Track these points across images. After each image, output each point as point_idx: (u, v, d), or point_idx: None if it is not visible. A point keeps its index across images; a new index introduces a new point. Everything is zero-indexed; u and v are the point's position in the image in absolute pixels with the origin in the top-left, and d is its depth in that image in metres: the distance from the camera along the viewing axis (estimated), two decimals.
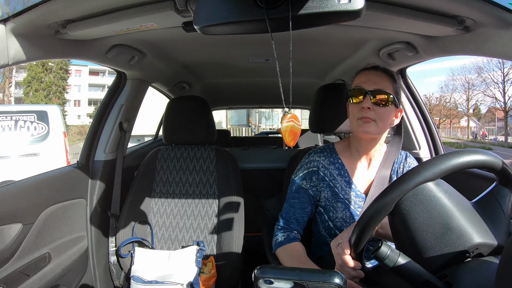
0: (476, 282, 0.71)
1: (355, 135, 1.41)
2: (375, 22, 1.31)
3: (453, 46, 1.36)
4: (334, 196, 1.41)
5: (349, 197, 1.40)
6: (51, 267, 1.61)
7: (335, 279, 0.73)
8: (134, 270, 1.71)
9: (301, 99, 3.91)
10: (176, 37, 1.66)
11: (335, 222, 1.40)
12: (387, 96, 1.29)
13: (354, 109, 1.33)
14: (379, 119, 1.30)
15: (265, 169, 2.83)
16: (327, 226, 1.43)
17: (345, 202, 1.40)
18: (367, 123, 1.29)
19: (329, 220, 1.42)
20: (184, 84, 2.89)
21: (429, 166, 0.80)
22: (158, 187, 2.03)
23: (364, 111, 1.29)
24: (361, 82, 1.33)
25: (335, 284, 0.73)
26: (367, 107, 1.28)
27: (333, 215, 1.40)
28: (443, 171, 0.79)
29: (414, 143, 2.00)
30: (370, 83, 1.31)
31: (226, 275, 1.86)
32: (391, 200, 0.81)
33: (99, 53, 1.62)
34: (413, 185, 0.80)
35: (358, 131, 1.32)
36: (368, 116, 1.29)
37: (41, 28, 1.20)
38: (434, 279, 0.75)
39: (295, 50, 1.96)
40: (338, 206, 1.40)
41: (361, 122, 1.30)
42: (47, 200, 1.64)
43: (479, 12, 1.07)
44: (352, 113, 1.35)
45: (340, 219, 1.39)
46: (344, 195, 1.41)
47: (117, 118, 2.04)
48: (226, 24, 0.87)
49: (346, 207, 1.39)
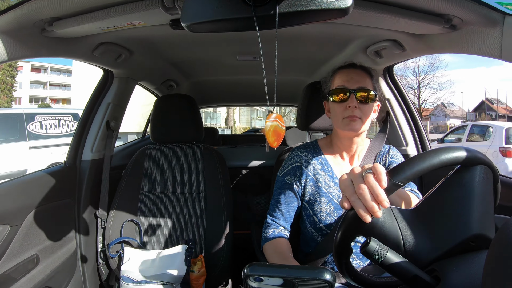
0: (464, 276, 0.72)
1: (338, 133, 1.44)
2: (362, 20, 1.32)
3: (439, 44, 1.37)
4: (318, 190, 1.43)
5: (332, 191, 1.42)
6: (39, 269, 1.59)
7: (324, 275, 0.74)
8: (123, 270, 1.70)
9: (289, 97, 3.92)
10: (164, 35, 1.65)
11: (319, 216, 1.41)
12: (370, 93, 1.34)
13: (338, 108, 1.36)
14: (364, 116, 1.34)
15: (253, 167, 2.83)
16: (312, 221, 1.44)
17: (328, 196, 1.41)
18: (354, 121, 1.33)
19: (314, 215, 1.43)
20: (172, 82, 2.87)
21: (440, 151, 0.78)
22: (146, 186, 2.02)
23: (350, 109, 1.32)
24: (343, 81, 1.36)
25: (324, 280, 0.74)
26: (354, 106, 1.31)
27: (317, 209, 1.42)
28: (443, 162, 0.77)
29: (401, 140, 2.02)
30: (353, 82, 1.34)
31: (215, 274, 1.86)
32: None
33: (85, 51, 1.60)
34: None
35: (345, 129, 1.35)
36: (355, 115, 1.32)
37: (27, 26, 1.19)
38: (423, 274, 0.76)
39: (282, 48, 1.96)
40: (322, 200, 1.41)
41: (348, 121, 1.33)
42: (34, 201, 1.62)
43: (466, 11, 1.08)
44: (337, 112, 1.37)
45: (324, 213, 1.40)
46: (327, 189, 1.43)
47: (104, 117, 2.02)
48: (213, 21, 0.87)
49: (330, 201, 1.41)
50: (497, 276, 0.52)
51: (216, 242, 1.89)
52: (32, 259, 1.58)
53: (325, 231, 1.41)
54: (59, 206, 1.79)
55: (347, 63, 1.45)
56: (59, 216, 1.80)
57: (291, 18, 0.85)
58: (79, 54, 1.60)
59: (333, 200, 1.41)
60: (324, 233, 1.41)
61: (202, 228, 1.93)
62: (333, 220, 1.39)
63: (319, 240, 1.44)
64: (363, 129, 1.37)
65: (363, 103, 1.33)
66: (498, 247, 0.55)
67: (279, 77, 2.94)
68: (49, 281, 1.64)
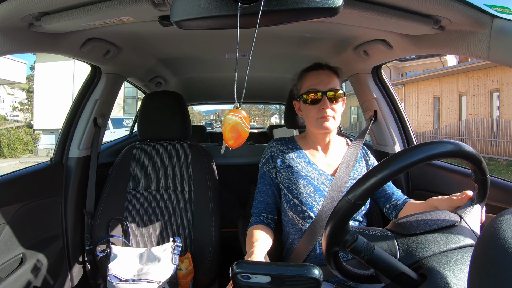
0: (450, 273, 0.73)
1: (313, 132, 1.51)
2: (352, 19, 1.33)
3: (427, 44, 1.39)
4: (295, 174, 1.47)
5: (311, 174, 1.47)
6: (26, 268, 1.57)
7: (312, 272, 0.74)
8: (111, 269, 1.69)
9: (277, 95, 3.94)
10: (152, 31, 1.63)
11: (300, 197, 1.44)
12: (339, 93, 1.42)
13: (312, 110, 1.43)
14: (336, 114, 1.43)
15: (240, 164, 2.84)
16: (293, 204, 1.47)
17: (307, 179, 1.46)
18: (328, 121, 1.40)
19: (294, 198, 1.46)
20: (160, 79, 2.86)
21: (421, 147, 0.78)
22: (134, 184, 2.01)
23: (324, 111, 1.39)
24: (314, 84, 1.43)
25: (312, 277, 0.74)
26: (327, 107, 1.39)
27: (296, 192, 1.45)
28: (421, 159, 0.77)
29: (389, 139, 2.04)
30: (323, 84, 1.42)
31: (203, 272, 1.86)
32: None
33: (73, 47, 1.58)
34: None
35: (320, 129, 1.43)
36: (328, 114, 1.40)
37: (14, 20, 1.17)
38: (409, 271, 0.76)
39: (269, 46, 1.97)
40: (300, 183, 1.45)
41: (322, 121, 1.41)
42: (20, 199, 1.60)
43: (455, 12, 1.10)
44: (310, 114, 1.44)
45: (304, 194, 1.43)
46: (305, 172, 1.47)
47: (91, 114, 2.00)
48: (202, 18, 0.87)
49: (309, 183, 1.45)
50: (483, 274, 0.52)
51: (203, 240, 1.89)
52: (18, 258, 1.56)
53: (306, 213, 1.42)
54: (45, 204, 1.77)
55: (314, 63, 1.53)
56: (46, 214, 1.78)
57: (279, 16, 0.85)
58: (67, 50, 1.58)
59: (313, 182, 1.45)
60: (306, 215, 1.43)
61: (190, 226, 1.93)
62: (314, 201, 1.42)
63: (300, 225, 1.45)
64: (335, 127, 1.45)
65: (334, 103, 1.41)
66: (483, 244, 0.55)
67: (266, 75, 2.95)
68: (36, 280, 1.63)
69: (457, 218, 0.90)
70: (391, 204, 1.45)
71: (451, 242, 0.82)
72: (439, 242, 0.82)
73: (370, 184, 0.76)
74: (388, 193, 1.49)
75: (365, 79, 2.02)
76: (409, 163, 0.75)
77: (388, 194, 1.49)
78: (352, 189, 0.78)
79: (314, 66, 1.51)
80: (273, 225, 1.50)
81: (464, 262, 0.75)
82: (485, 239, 0.56)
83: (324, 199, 1.41)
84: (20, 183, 1.66)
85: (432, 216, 0.90)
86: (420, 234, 0.85)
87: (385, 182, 0.76)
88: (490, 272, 0.51)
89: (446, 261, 0.76)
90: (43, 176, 1.80)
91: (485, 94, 14.85)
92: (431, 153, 0.76)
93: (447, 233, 0.85)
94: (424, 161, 0.76)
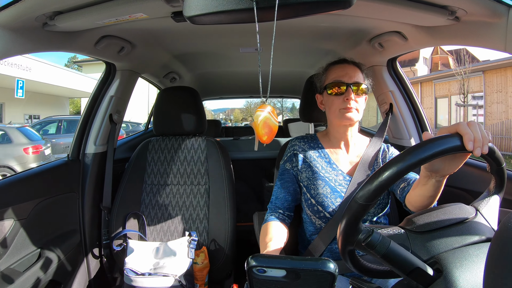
0: (466, 269, 0.72)
1: (335, 124, 1.51)
2: (366, 11, 1.31)
3: (443, 36, 1.37)
4: (315, 174, 1.49)
5: (329, 175, 1.48)
6: (44, 262, 1.60)
7: (327, 266, 0.74)
8: (127, 262, 1.71)
9: (291, 89, 3.92)
10: (166, 27, 1.64)
11: (316, 198, 1.46)
12: (363, 87, 1.44)
13: (335, 100, 1.44)
14: (359, 107, 1.44)
15: (256, 158, 2.84)
16: (310, 204, 1.48)
17: (325, 180, 1.47)
18: (351, 112, 1.41)
19: (311, 198, 1.48)
20: (174, 75, 2.87)
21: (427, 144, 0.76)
22: (150, 179, 2.03)
23: (348, 102, 1.40)
24: (340, 76, 1.45)
25: (327, 271, 0.74)
26: (351, 98, 1.40)
27: (314, 192, 1.47)
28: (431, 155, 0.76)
29: (405, 132, 2.01)
30: (348, 77, 1.43)
31: (219, 265, 1.87)
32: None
33: (88, 45, 1.59)
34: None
35: (342, 119, 1.43)
36: (352, 106, 1.41)
37: (29, 20, 1.18)
38: (424, 266, 0.76)
39: (285, 39, 1.96)
40: (318, 184, 1.46)
41: (344, 111, 1.42)
42: (38, 195, 1.63)
43: (470, 3, 1.07)
44: (334, 105, 1.45)
45: (321, 194, 1.45)
46: (324, 173, 1.48)
47: (107, 110, 2.02)
48: (215, 13, 0.86)
49: (327, 184, 1.46)
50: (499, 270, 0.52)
51: (219, 234, 1.90)
52: (36, 252, 1.59)
53: (322, 213, 1.44)
54: (63, 199, 1.80)
55: (340, 59, 1.53)
56: (63, 210, 1.81)
57: (294, 9, 0.85)
58: (81, 48, 1.59)
59: (330, 184, 1.46)
60: (321, 215, 1.45)
61: (205, 220, 1.94)
62: (330, 202, 1.43)
63: (317, 223, 1.47)
64: (358, 119, 1.46)
65: (357, 96, 1.43)
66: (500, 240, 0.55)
67: (281, 69, 2.93)
68: (54, 274, 1.66)
69: (473, 211, 0.88)
70: (400, 188, 1.36)
71: (467, 237, 0.81)
72: (454, 237, 0.81)
73: (376, 185, 0.74)
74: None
75: (380, 71, 1.99)
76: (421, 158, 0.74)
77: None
78: (361, 190, 0.77)
79: (339, 61, 1.52)
80: (288, 221, 1.50)
81: (480, 257, 0.74)
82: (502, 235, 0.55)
83: (341, 200, 1.42)
84: (37, 180, 1.69)
85: (447, 211, 0.88)
86: (434, 231, 0.83)
87: (393, 181, 0.74)
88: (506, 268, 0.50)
89: (462, 257, 0.75)
90: (60, 172, 1.83)
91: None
92: (440, 148, 0.74)
93: (462, 228, 0.83)
94: (434, 157, 0.74)
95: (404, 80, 2.00)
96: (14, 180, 1.58)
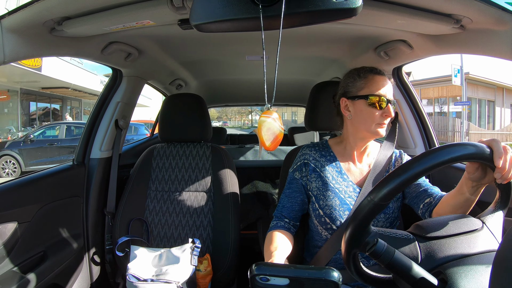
0: (470, 278, 0.71)
1: (360, 135, 1.46)
2: (371, 20, 1.32)
3: (449, 45, 1.37)
4: (325, 185, 1.46)
5: (339, 186, 1.45)
6: (47, 266, 1.60)
7: (331, 275, 0.74)
8: (130, 268, 1.71)
9: (295, 97, 3.92)
10: (172, 35, 1.65)
11: (324, 209, 1.43)
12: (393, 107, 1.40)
13: (376, 114, 1.38)
14: (388, 122, 1.42)
15: (261, 166, 2.83)
16: (318, 214, 1.46)
17: (335, 191, 1.44)
18: (383, 128, 1.40)
19: (320, 208, 1.45)
20: (180, 82, 2.88)
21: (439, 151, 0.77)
22: (154, 185, 2.03)
23: (386, 118, 1.38)
24: (379, 89, 1.39)
25: (331, 280, 0.73)
26: (390, 116, 1.38)
27: (323, 203, 1.44)
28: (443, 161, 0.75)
29: (410, 141, 2.00)
30: (390, 94, 1.40)
31: (222, 273, 1.86)
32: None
33: (95, 51, 1.61)
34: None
35: (375, 134, 1.40)
36: (385, 122, 1.39)
37: (37, 25, 1.20)
38: (429, 276, 0.75)
39: (290, 48, 1.96)
40: (328, 195, 1.44)
41: (379, 127, 1.39)
42: (42, 199, 1.64)
43: (475, 11, 1.07)
44: (372, 117, 1.39)
45: (330, 206, 1.42)
46: (334, 184, 1.45)
47: (113, 116, 2.04)
48: (222, 21, 0.87)
49: (336, 195, 1.43)
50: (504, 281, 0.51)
51: (223, 241, 1.90)
52: (39, 255, 1.59)
53: (329, 225, 1.42)
54: (67, 203, 1.81)
55: (375, 69, 1.44)
56: (67, 214, 1.81)
57: (299, 18, 0.85)
58: (88, 54, 1.61)
59: (339, 195, 1.43)
60: (329, 226, 1.43)
61: (209, 227, 1.94)
62: (338, 214, 1.41)
63: (323, 234, 1.45)
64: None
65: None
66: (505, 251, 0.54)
67: (286, 77, 2.94)
68: (56, 278, 1.66)
69: (479, 223, 0.88)
70: (424, 203, 1.34)
71: (473, 247, 0.81)
72: (461, 246, 0.81)
73: (394, 184, 0.75)
74: (421, 191, 1.39)
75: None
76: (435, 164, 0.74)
77: (421, 193, 1.38)
78: (375, 189, 0.77)
79: (379, 71, 1.44)
80: (294, 231, 1.48)
81: (485, 269, 0.74)
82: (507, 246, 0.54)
83: (348, 213, 1.40)
84: (42, 183, 1.69)
85: (454, 220, 0.88)
86: (442, 238, 0.83)
87: (409, 183, 0.75)
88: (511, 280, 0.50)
89: (467, 267, 0.74)
90: (65, 177, 1.84)
91: None
92: (459, 154, 0.75)
93: (469, 237, 0.83)
94: (452, 162, 0.74)
95: (409, 89, 2.00)
96: (19, 183, 1.59)
